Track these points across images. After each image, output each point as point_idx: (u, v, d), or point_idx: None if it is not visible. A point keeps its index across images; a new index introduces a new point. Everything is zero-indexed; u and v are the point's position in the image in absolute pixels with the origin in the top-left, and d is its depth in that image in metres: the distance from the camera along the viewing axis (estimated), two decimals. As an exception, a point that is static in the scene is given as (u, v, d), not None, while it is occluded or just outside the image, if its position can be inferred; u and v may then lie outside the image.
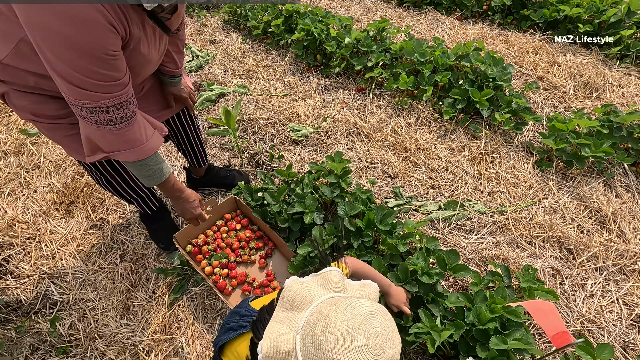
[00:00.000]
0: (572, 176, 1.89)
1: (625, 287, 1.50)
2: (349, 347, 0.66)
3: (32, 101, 1.05)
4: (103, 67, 0.86)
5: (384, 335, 0.69)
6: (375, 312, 0.72)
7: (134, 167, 1.12)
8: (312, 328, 0.72)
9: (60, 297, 1.60)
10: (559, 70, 2.41)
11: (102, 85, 0.89)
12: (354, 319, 0.69)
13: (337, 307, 0.72)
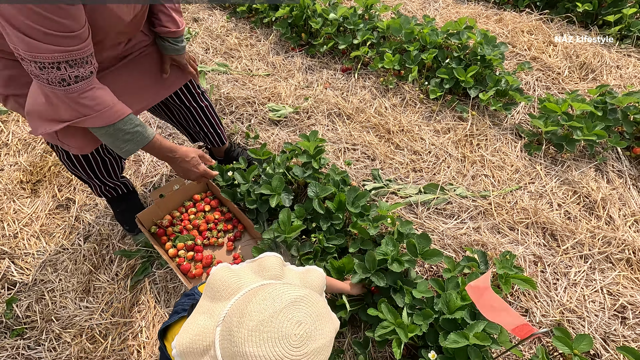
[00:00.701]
0: (561, 160, 1.79)
1: (611, 276, 1.41)
2: (264, 339, 0.58)
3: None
4: (56, 14, 0.77)
5: (308, 324, 0.60)
6: (300, 299, 0.63)
7: (106, 136, 1.02)
8: (230, 319, 0.64)
9: (20, 277, 1.54)
10: (554, 51, 2.28)
11: (53, 36, 0.80)
12: (273, 307, 0.60)
13: (258, 294, 0.64)
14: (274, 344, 0.57)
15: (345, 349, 1.29)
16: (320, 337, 0.61)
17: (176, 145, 1.20)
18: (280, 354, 0.57)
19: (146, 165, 1.92)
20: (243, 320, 0.60)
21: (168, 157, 1.19)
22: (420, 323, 1.14)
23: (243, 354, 0.58)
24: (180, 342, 0.67)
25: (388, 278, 1.24)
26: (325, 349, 0.62)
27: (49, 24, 0.78)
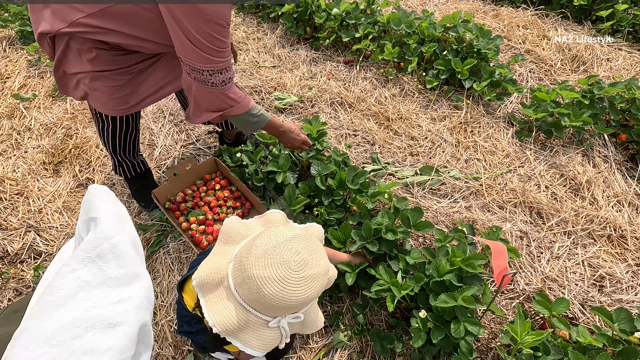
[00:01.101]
0: (550, 146, 1.89)
1: (592, 250, 1.52)
2: (268, 264, 0.70)
3: (93, 47, 1.11)
4: (224, 36, 1.01)
5: (305, 254, 0.72)
6: (298, 236, 0.75)
7: (243, 119, 1.26)
8: (240, 254, 0.77)
9: (45, 248, 1.67)
10: (548, 45, 2.38)
11: (221, 51, 1.04)
12: (276, 240, 0.73)
13: (264, 233, 0.76)
14: (276, 268, 0.69)
15: (345, 311, 1.41)
16: (316, 266, 0.73)
17: (282, 122, 1.42)
18: (282, 276, 0.69)
19: (159, 149, 2.05)
20: (251, 251, 0.72)
21: (279, 132, 1.42)
22: (413, 285, 1.26)
23: (251, 276, 0.70)
24: (199, 275, 0.80)
25: (384, 246, 1.36)
26: (321, 277, 0.74)
27: (220, 43, 1.02)
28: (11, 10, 2.87)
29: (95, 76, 1.15)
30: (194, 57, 1.02)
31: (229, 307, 0.75)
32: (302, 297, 0.72)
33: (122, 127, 1.40)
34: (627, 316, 1.17)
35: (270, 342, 0.77)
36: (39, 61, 2.65)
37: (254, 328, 0.76)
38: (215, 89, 1.11)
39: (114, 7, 1.00)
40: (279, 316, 0.77)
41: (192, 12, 0.93)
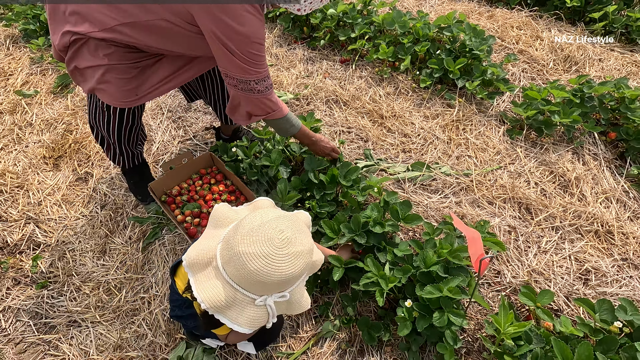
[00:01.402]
0: (541, 144, 1.92)
1: (579, 245, 1.55)
2: (253, 241, 0.74)
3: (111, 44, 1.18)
4: (261, 51, 1.17)
5: (289, 233, 0.76)
6: (283, 217, 0.79)
7: (281, 124, 1.40)
8: (228, 234, 0.81)
9: (44, 239, 1.71)
10: (541, 45, 2.42)
11: (261, 64, 1.19)
12: (261, 219, 0.77)
13: (250, 214, 0.80)
14: (261, 244, 0.73)
15: (334, 302, 1.44)
16: (299, 244, 0.76)
17: (312, 132, 1.56)
18: (266, 252, 0.72)
19: (157, 144, 2.09)
20: (237, 230, 0.76)
21: (311, 140, 1.55)
22: (400, 276, 1.29)
23: (238, 253, 0.73)
24: (189, 255, 0.83)
25: (372, 239, 1.39)
26: (304, 256, 0.77)
27: (260, 57, 1.17)
28: (15, 10, 2.93)
29: (108, 69, 1.20)
30: (240, 71, 1.17)
31: (217, 285, 0.79)
32: (286, 274, 0.75)
33: (129, 119, 1.44)
34: (609, 307, 1.20)
35: (257, 319, 0.80)
36: (41, 59, 2.71)
37: (241, 305, 0.79)
38: (260, 94, 1.26)
39: (145, 21, 1.08)
40: (265, 294, 0.80)
41: (236, 37, 1.07)
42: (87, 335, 1.42)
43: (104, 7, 1.08)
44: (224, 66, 1.18)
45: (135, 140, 1.60)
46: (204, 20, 1.05)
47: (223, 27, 1.05)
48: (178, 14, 1.07)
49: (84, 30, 1.12)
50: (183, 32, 1.12)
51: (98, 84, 1.24)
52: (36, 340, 1.42)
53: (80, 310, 1.48)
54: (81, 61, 1.21)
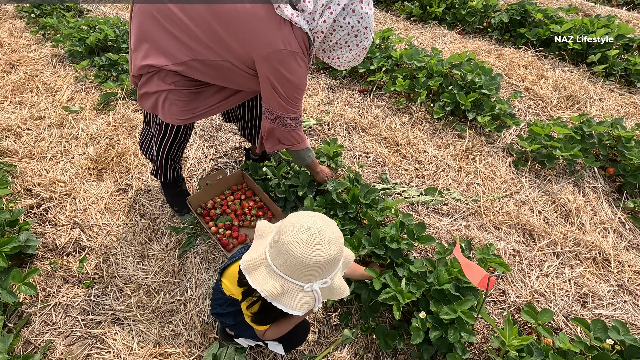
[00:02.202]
0: (544, 176, 2.09)
1: (578, 271, 1.69)
2: (295, 232, 0.94)
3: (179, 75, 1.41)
4: (300, 95, 1.40)
5: (321, 224, 0.95)
6: (314, 213, 0.99)
7: (301, 154, 1.64)
8: (273, 237, 1.00)
9: (89, 243, 1.89)
10: (545, 84, 2.62)
11: (300, 105, 1.44)
12: (298, 218, 0.97)
13: (287, 217, 0.99)
14: (301, 234, 0.92)
15: (353, 312, 1.58)
16: (331, 232, 0.95)
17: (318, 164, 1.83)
18: (306, 239, 0.91)
19: (191, 161, 2.29)
20: (280, 229, 0.96)
21: (316, 171, 1.81)
22: (415, 291, 1.44)
23: (284, 244, 0.92)
24: (245, 260, 1.01)
25: (389, 252, 1.55)
26: (336, 241, 0.95)
27: (299, 101, 1.41)
28: (64, 32, 3.21)
29: (174, 92, 1.41)
30: (281, 109, 1.40)
31: (270, 279, 0.97)
32: (324, 255, 0.93)
33: (180, 136, 1.64)
34: (602, 327, 1.34)
35: (307, 303, 0.98)
36: (85, 78, 2.96)
37: (292, 293, 0.96)
38: (292, 129, 1.49)
39: (214, 61, 1.30)
40: (311, 282, 0.97)
41: (286, 83, 1.31)
42: (129, 332, 1.57)
43: (180, 45, 1.29)
44: (268, 103, 1.39)
45: (179, 155, 1.80)
46: (263, 67, 1.26)
47: (277, 75, 1.27)
48: (241, 60, 1.28)
49: (160, 64, 1.33)
50: (241, 72, 1.33)
51: (162, 104, 1.45)
52: (84, 334, 1.57)
53: (123, 309, 1.64)
54: (152, 86, 1.42)
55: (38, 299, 1.67)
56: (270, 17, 1.20)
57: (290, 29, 1.23)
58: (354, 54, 1.35)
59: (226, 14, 1.21)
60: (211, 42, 1.26)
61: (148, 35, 1.32)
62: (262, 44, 1.22)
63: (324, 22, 1.22)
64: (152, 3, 1.28)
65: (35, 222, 1.96)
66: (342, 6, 1.20)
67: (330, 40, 1.30)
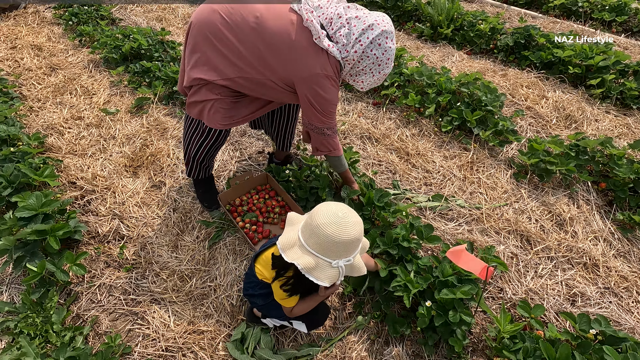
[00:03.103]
0: (542, 188, 2.28)
1: (570, 274, 1.87)
2: (325, 216, 1.15)
3: (225, 87, 1.63)
4: (334, 109, 1.62)
5: (346, 210, 1.18)
6: (341, 204, 1.21)
7: (335, 160, 1.83)
8: (305, 222, 1.23)
9: (127, 232, 2.10)
10: (546, 103, 2.83)
11: (335, 117, 1.66)
12: (327, 206, 1.19)
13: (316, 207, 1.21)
14: (331, 216, 1.13)
15: (366, 302, 1.77)
16: (354, 216, 1.17)
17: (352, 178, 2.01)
18: (335, 220, 1.12)
19: (218, 162, 2.51)
20: (312, 215, 1.17)
21: (350, 180, 1.99)
22: (422, 282, 1.63)
23: (317, 225, 1.13)
24: (281, 241, 1.23)
25: (401, 251, 1.74)
26: (359, 224, 1.17)
27: (333, 115, 1.63)
28: (100, 40, 3.48)
29: (219, 101, 1.64)
30: (319, 122, 1.62)
31: (304, 256, 1.18)
32: (351, 234, 1.14)
33: (219, 139, 1.86)
34: (587, 320, 1.52)
35: (333, 277, 1.19)
36: (119, 83, 3.21)
37: (322, 268, 1.18)
38: (328, 137, 1.71)
39: (258, 79, 1.52)
40: (337, 259, 1.17)
41: (322, 101, 1.53)
42: (165, 311, 1.77)
43: (229, 63, 1.51)
44: (308, 118, 1.62)
45: (214, 155, 2.01)
46: (302, 87, 1.49)
47: (314, 94, 1.49)
48: (282, 80, 1.50)
49: (210, 78, 1.56)
50: (279, 89, 1.55)
51: (209, 112, 1.67)
52: (126, 311, 1.77)
53: (160, 291, 1.84)
54: (201, 96, 1.64)
55: (85, 280, 1.87)
56: (310, 46, 1.43)
57: (326, 57, 1.45)
58: (376, 79, 1.57)
59: (271, 39, 1.44)
60: (256, 62, 1.48)
61: (202, 52, 1.55)
62: (302, 68, 1.45)
63: (355, 52, 1.45)
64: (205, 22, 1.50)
65: (80, 212, 2.18)
66: (370, 40, 1.42)
67: (357, 67, 1.52)
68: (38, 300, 1.73)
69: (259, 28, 1.43)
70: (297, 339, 1.66)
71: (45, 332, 1.62)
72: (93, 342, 1.66)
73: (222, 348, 1.62)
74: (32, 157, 2.35)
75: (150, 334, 1.68)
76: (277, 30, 1.43)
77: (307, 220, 1.21)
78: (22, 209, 1.86)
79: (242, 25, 1.44)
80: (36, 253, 1.80)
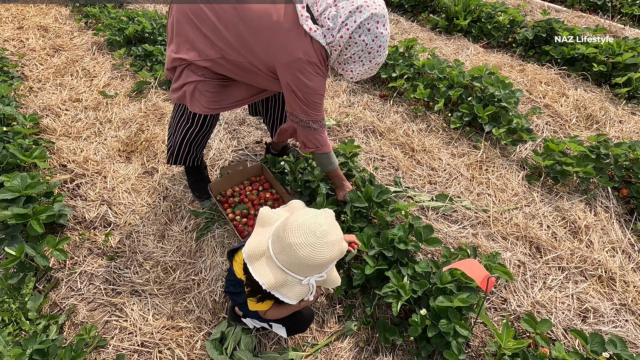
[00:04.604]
0: (556, 192, 2.11)
1: (582, 287, 1.71)
2: (301, 234, 1.00)
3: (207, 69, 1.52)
4: (321, 100, 1.49)
5: (326, 226, 1.02)
6: (319, 214, 1.06)
7: (322, 158, 1.69)
8: (277, 231, 1.08)
9: (114, 219, 2.02)
10: (566, 102, 2.63)
11: (321, 109, 1.52)
12: (304, 218, 1.03)
13: (293, 214, 1.07)
14: (307, 236, 0.98)
15: (357, 306, 1.65)
16: (333, 234, 1.02)
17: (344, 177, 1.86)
18: (311, 241, 0.98)
19: (214, 151, 2.41)
20: (286, 227, 1.02)
21: (340, 183, 1.85)
22: (417, 289, 1.50)
23: (289, 244, 0.99)
24: (247, 249, 1.09)
25: (397, 254, 1.61)
26: (338, 243, 1.02)
27: (319, 105, 1.48)
28: (105, 22, 3.41)
29: (202, 83, 1.53)
30: (303, 113, 1.49)
31: (271, 271, 1.04)
32: (327, 257, 1.00)
33: (205, 126, 1.75)
34: (600, 340, 1.37)
35: (302, 294, 1.06)
36: (120, 66, 3.14)
37: (291, 285, 1.05)
38: (315, 131, 1.57)
39: (239, 62, 1.40)
40: (309, 276, 1.04)
41: (305, 89, 1.39)
42: (145, 304, 1.68)
43: (210, 43, 1.40)
44: (291, 108, 1.49)
45: (202, 145, 1.91)
46: (283, 74, 1.36)
47: (296, 81, 1.37)
48: (264, 64, 1.38)
49: (190, 58, 1.45)
50: (263, 75, 1.43)
51: (192, 94, 1.56)
52: (105, 302, 1.69)
53: (141, 283, 1.75)
54: (183, 78, 1.54)
55: (66, 266, 1.80)
56: (293, 29, 1.30)
57: (310, 41, 1.32)
58: (367, 68, 1.43)
59: (252, 21, 1.32)
60: (237, 44, 1.36)
61: (182, 32, 1.44)
62: (283, 53, 1.32)
63: (341, 37, 1.31)
64: (187, 3, 1.39)
65: (68, 196, 2.11)
66: (358, 24, 1.28)
67: (345, 54, 1.38)
68: (16, 285, 1.67)
69: (239, 8, 1.31)
70: (280, 342, 1.56)
71: (20, 319, 1.56)
72: (68, 332, 1.59)
73: (200, 346, 1.53)
74: (23, 137, 2.29)
75: (127, 327, 1.60)
76: (258, 10, 1.30)
77: (279, 232, 1.05)
78: (4, 190, 1.80)
79: (224, 5, 1.32)
80: (16, 237, 1.73)
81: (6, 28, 3.70)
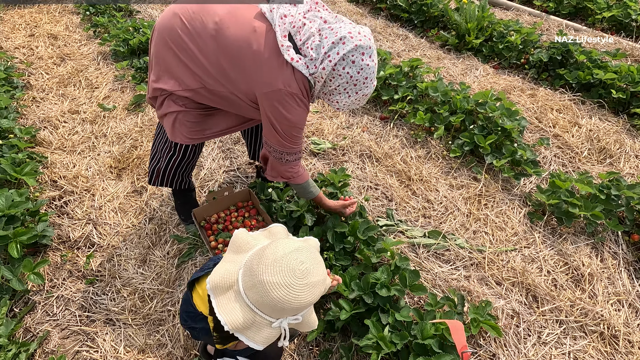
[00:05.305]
0: (560, 233, 1.97)
1: (581, 344, 1.57)
2: (277, 271, 0.85)
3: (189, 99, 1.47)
4: (300, 134, 1.42)
5: (308, 264, 0.87)
6: (302, 247, 0.91)
7: (302, 187, 1.62)
8: (250, 262, 0.92)
9: (98, 240, 2.00)
10: (578, 132, 2.47)
11: (299, 142, 1.45)
12: (283, 251, 0.88)
13: (271, 244, 0.92)
14: (284, 275, 0.84)
15: (334, 351, 1.57)
16: (316, 274, 0.88)
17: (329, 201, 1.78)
18: (289, 282, 0.84)
19: (205, 170, 2.37)
20: (261, 259, 0.87)
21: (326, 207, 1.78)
22: (397, 342, 1.40)
23: (262, 282, 0.84)
24: (213, 279, 0.94)
25: (378, 299, 1.52)
26: (320, 285, 0.89)
27: (297, 139, 1.41)
28: (111, 32, 3.43)
29: (184, 113, 1.48)
30: (278, 144, 1.41)
31: (237, 309, 0.89)
32: (305, 301, 0.87)
33: (187, 155, 1.70)
34: (593, 415, 1.24)
35: (271, 338, 0.92)
36: (123, 77, 3.14)
37: (258, 327, 0.90)
38: (287, 164, 1.49)
39: (220, 92, 1.35)
40: (282, 318, 0.92)
41: (283, 121, 1.33)
42: (118, 335, 1.64)
43: (190, 73, 1.35)
44: (267, 137, 1.42)
45: (189, 171, 1.86)
46: (264, 104, 1.29)
47: (276, 113, 1.29)
48: (245, 94, 1.31)
49: (170, 89, 1.40)
50: (245, 105, 1.36)
51: (173, 124, 1.51)
52: (78, 329, 1.66)
53: (117, 311, 1.71)
54: (164, 109, 1.49)
55: (44, 289, 1.78)
56: (273, 58, 1.23)
57: (291, 71, 1.25)
58: (354, 100, 1.34)
59: (231, 50, 1.25)
60: (217, 74, 1.30)
61: (161, 60, 1.39)
62: (263, 83, 1.25)
63: (323, 69, 1.23)
64: (166, 28, 1.33)
65: (55, 214, 2.10)
66: (341, 56, 1.20)
67: (329, 85, 1.30)
68: (-8, 308, 1.65)
69: (217, 36, 1.25)
70: (250, 387, 1.48)
71: (-10, 345, 1.54)
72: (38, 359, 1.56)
73: (166, 387, 1.47)
74: (17, 151, 2.30)
75: (97, 359, 1.56)
76: (235, 38, 1.24)
77: (252, 264, 0.89)
78: (-13, 209, 1.79)
79: (202, 32, 1.26)
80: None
81: (18, 35, 3.77)
